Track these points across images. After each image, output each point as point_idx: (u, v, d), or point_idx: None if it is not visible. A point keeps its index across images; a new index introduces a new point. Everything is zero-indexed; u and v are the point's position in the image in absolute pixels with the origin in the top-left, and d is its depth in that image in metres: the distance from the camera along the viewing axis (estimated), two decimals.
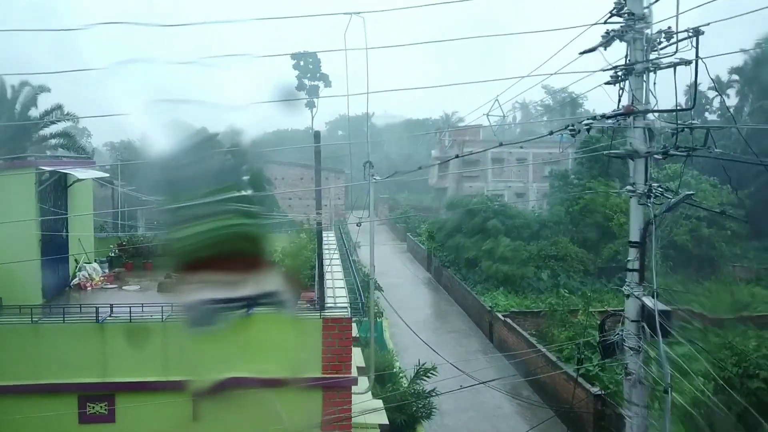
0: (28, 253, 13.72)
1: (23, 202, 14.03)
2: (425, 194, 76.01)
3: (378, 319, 24.33)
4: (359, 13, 9.50)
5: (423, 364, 19.61)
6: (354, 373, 12.84)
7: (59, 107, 37.35)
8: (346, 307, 12.67)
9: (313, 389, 11.81)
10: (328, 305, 12.62)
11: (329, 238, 21.93)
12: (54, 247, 15.47)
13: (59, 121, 37.45)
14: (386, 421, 14.75)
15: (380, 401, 15.40)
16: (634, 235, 8.76)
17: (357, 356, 15.65)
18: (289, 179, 51.63)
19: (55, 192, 15.91)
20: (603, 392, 18.71)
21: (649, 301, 8.26)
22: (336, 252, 19.56)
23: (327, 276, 14.47)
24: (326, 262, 13.93)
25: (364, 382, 14.86)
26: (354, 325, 16.28)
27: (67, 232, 16.51)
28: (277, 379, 10.31)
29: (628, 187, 8.79)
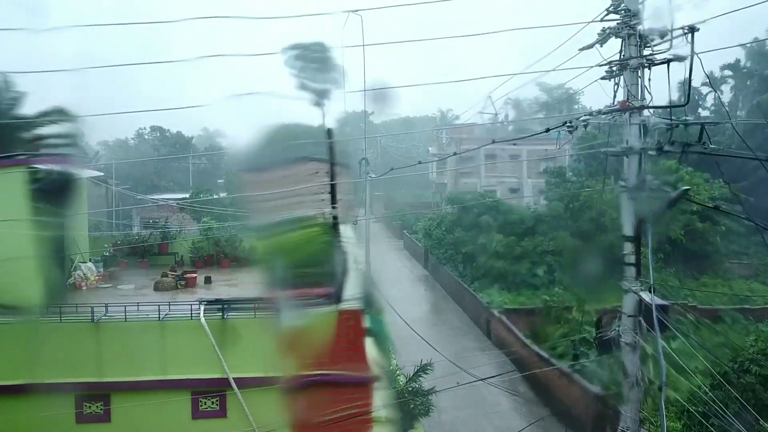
0: (22, 253, 13.63)
1: (15, 200, 13.90)
2: (424, 190, 75.90)
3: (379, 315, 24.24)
4: (356, 11, 9.50)
5: (425, 364, 19.58)
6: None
7: (59, 109, 37.01)
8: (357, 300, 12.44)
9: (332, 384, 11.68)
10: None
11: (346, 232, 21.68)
12: (49, 246, 15.36)
13: (58, 121, 37.16)
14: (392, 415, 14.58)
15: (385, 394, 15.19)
16: (628, 230, 8.77)
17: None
18: (303, 174, 51.31)
19: (52, 191, 15.75)
20: (600, 390, 18.74)
21: (646, 296, 8.26)
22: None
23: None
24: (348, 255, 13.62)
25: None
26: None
27: (61, 231, 16.40)
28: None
29: (620, 183, 8.80)
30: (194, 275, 16.60)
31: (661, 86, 8.64)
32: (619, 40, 8.86)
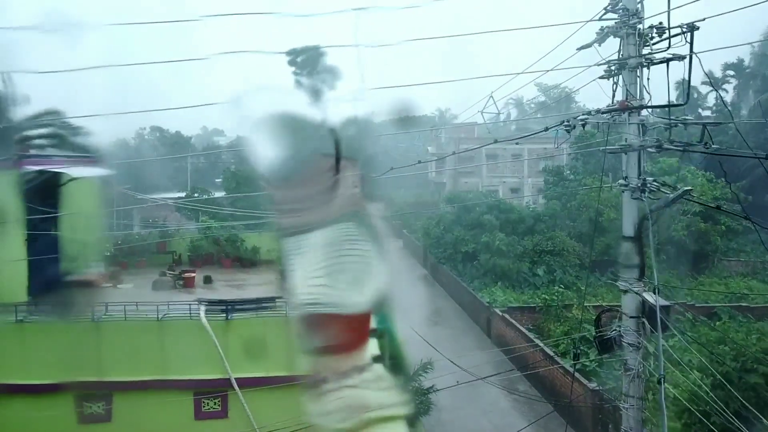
0: (18, 253, 13.61)
1: (6, 201, 13.87)
2: (423, 189, 75.81)
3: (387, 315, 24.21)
4: (361, 9, 9.43)
5: (426, 363, 19.53)
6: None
7: (52, 110, 36.85)
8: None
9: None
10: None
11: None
12: (44, 246, 15.28)
13: (49, 123, 36.99)
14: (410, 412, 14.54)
15: (401, 392, 15.16)
16: (628, 230, 8.74)
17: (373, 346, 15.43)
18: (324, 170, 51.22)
19: (44, 191, 15.70)
20: (601, 388, 18.74)
21: (649, 297, 8.22)
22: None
23: None
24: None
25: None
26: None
27: (58, 230, 16.33)
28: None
29: (620, 181, 8.77)
30: (192, 274, 16.60)
31: (660, 85, 8.63)
32: (618, 40, 8.85)
